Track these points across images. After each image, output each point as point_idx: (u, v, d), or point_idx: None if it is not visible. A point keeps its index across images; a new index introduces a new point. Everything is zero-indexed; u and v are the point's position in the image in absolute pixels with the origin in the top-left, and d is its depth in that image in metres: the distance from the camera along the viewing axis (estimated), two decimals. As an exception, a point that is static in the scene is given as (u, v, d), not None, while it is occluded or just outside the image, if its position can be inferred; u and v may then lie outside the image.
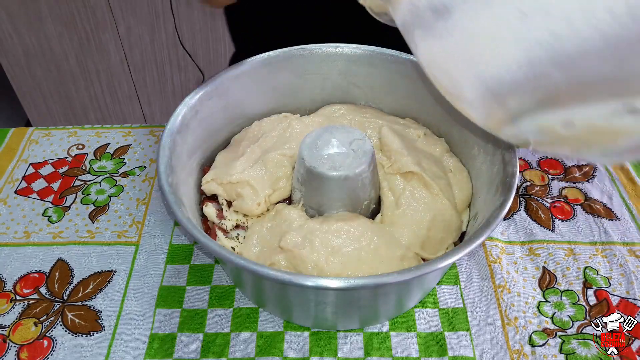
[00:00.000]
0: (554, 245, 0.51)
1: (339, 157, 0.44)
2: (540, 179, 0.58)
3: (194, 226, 0.38)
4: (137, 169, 0.59)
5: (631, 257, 0.50)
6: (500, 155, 0.43)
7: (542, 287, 0.48)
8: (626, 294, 0.47)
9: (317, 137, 0.46)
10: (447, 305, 0.47)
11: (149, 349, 0.44)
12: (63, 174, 0.59)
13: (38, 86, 1.49)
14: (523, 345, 0.44)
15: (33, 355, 0.44)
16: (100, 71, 1.47)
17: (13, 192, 0.57)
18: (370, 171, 0.45)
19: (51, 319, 0.46)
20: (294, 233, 0.42)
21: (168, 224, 0.54)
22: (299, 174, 0.46)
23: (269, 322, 0.45)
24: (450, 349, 0.44)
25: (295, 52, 0.53)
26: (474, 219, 0.46)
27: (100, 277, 0.49)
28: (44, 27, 1.35)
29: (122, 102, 1.57)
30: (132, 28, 1.38)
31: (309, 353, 0.44)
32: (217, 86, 0.49)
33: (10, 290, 0.48)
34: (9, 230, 0.53)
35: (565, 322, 0.45)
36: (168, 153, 0.43)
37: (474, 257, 0.50)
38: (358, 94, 0.57)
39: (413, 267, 0.35)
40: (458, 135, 0.52)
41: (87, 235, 0.52)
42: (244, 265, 0.35)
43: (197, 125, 0.48)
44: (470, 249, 0.36)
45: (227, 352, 0.44)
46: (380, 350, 0.44)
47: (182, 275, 0.49)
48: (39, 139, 0.63)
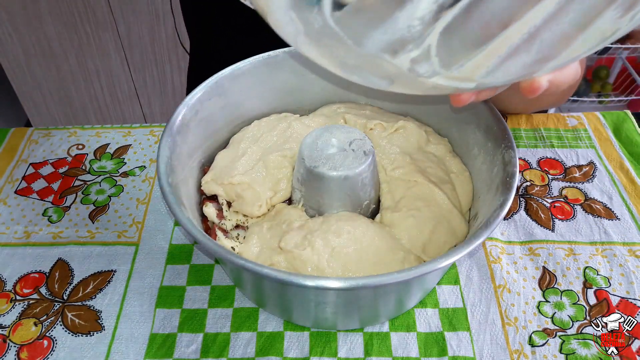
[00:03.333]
0: (554, 245, 0.51)
1: (339, 157, 0.44)
2: (540, 179, 0.58)
3: (194, 226, 0.38)
4: (137, 169, 0.59)
5: (631, 257, 0.50)
6: (500, 155, 0.44)
7: (542, 287, 0.48)
8: (626, 294, 0.47)
9: (317, 137, 0.46)
10: (447, 305, 0.47)
11: (149, 349, 0.44)
12: (63, 174, 0.59)
13: (38, 86, 1.49)
14: (523, 345, 0.44)
15: (33, 355, 0.44)
16: (100, 71, 1.47)
17: (13, 192, 0.57)
18: (370, 171, 0.45)
19: (51, 319, 0.46)
20: (294, 233, 0.42)
21: (168, 224, 0.54)
22: (299, 174, 0.46)
23: (269, 322, 0.45)
24: (450, 349, 0.44)
25: (295, 52, 0.53)
26: (474, 219, 0.46)
27: (100, 277, 0.49)
28: (44, 27, 1.35)
29: (122, 102, 1.57)
30: (132, 28, 1.38)
31: (309, 353, 0.44)
32: (217, 86, 0.49)
33: (10, 290, 0.48)
34: (9, 230, 0.53)
35: (565, 322, 0.45)
36: (168, 153, 0.43)
37: (474, 257, 0.50)
38: (358, 93, 0.57)
39: (413, 267, 0.35)
40: (458, 136, 0.52)
41: (87, 235, 0.52)
42: (243, 265, 0.35)
43: (197, 125, 0.48)
44: (470, 249, 0.36)
45: (227, 352, 0.44)
46: (380, 350, 0.44)
47: (182, 275, 0.49)
48: (39, 139, 0.63)
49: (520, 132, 0.64)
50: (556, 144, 0.62)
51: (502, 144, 0.44)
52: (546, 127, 0.64)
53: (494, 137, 0.45)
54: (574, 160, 0.60)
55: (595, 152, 0.61)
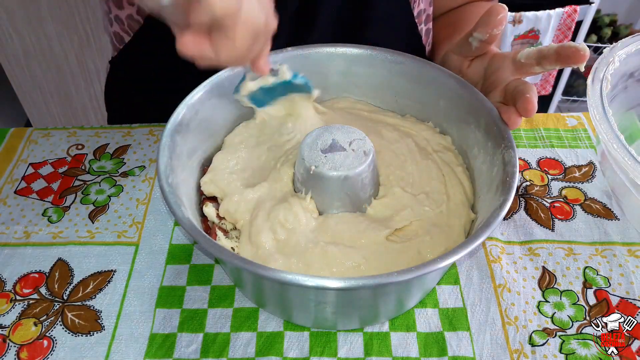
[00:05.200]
0: (553, 245, 0.51)
1: (339, 157, 0.44)
2: (540, 179, 0.58)
3: (194, 226, 0.38)
4: (137, 169, 0.59)
5: (631, 257, 0.50)
6: (500, 155, 0.44)
7: (542, 287, 0.48)
8: (626, 294, 0.47)
9: (317, 137, 0.46)
10: (447, 305, 0.47)
11: (149, 349, 0.44)
12: (63, 174, 0.59)
13: (38, 86, 1.49)
14: (523, 345, 0.44)
15: (33, 355, 0.44)
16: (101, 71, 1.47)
17: (13, 192, 0.57)
18: (370, 171, 0.45)
19: (51, 319, 0.46)
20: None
21: (168, 224, 0.54)
22: (299, 173, 0.46)
23: (269, 322, 0.45)
24: (450, 348, 0.44)
25: (295, 52, 0.53)
26: (473, 219, 0.46)
27: (100, 277, 0.49)
28: (44, 27, 1.35)
29: (122, 102, 1.57)
30: (132, 28, 1.38)
31: (309, 353, 0.44)
32: (217, 86, 0.49)
33: (10, 290, 0.48)
34: (9, 230, 0.53)
35: (565, 322, 0.46)
36: (168, 153, 0.43)
37: (474, 257, 0.50)
38: (358, 93, 0.57)
39: (413, 267, 0.35)
40: (458, 135, 0.52)
41: (87, 235, 0.52)
42: (243, 266, 0.35)
43: (197, 125, 0.48)
44: (470, 249, 0.36)
45: (227, 352, 0.44)
46: (380, 350, 0.44)
47: (182, 275, 0.49)
48: (38, 139, 0.63)
49: (520, 132, 0.64)
50: (556, 144, 0.62)
51: (502, 144, 0.44)
52: (546, 127, 0.64)
53: (494, 137, 0.45)
54: (573, 160, 0.60)
55: (595, 152, 0.61)
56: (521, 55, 0.45)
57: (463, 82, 0.49)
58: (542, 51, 0.43)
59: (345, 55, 0.54)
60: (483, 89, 0.50)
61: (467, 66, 0.53)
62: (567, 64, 0.42)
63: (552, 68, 0.44)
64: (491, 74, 0.49)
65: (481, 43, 0.49)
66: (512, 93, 0.45)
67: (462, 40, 0.51)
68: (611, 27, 1.94)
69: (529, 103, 0.43)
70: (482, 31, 0.47)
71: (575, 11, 1.63)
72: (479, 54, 0.51)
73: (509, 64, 0.47)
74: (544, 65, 0.44)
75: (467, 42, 0.50)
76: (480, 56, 0.51)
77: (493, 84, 0.49)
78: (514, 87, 0.45)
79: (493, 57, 0.50)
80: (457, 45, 0.53)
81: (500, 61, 0.48)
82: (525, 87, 0.44)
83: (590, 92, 0.48)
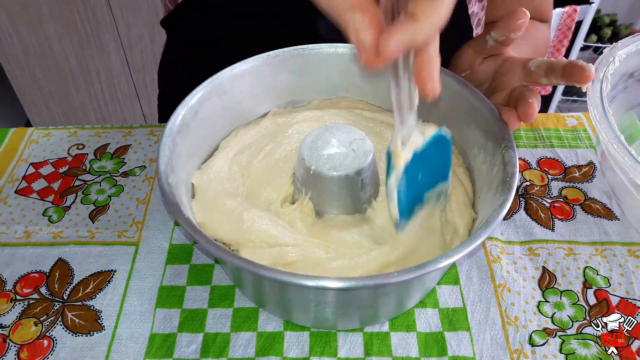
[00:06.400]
0: (553, 245, 0.51)
1: (339, 157, 0.44)
2: (540, 179, 0.58)
3: (194, 226, 0.38)
4: (137, 169, 0.59)
5: (631, 257, 0.50)
6: (500, 155, 0.44)
7: (542, 287, 0.48)
8: (626, 294, 0.47)
9: (317, 137, 0.46)
10: (447, 305, 0.47)
11: (149, 349, 0.44)
12: (63, 174, 0.59)
13: (38, 86, 1.49)
14: (523, 345, 0.44)
15: (33, 355, 0.44)
16: (100, 71, 1.47)
17: (13, 192, 0.57)
18: (370, 171, 0.45)
19: (51, 319, 0.46)
20: (291, 248, 0.42)
21: (168, 224, 0.54)
22: (299, 174, 0.46)
23: (269, 322, 0.45)
24: (450, 348, 0.44)
25: (295, 52, 0.53)
26: (474, 219, 0.46)
27: (100, 277, 0.49)
28: (44, 27, 1.35)
29: (122, 102, 1.57)
30: (132, 28, 1.38)
31: (309, 353, 0.44)
32: (217, 86, 0.49)
33: (10, 290, 0.48)
34: (9, 230, 0.53)
35: (565, 322, 0.46)
36: (168, 153, 0.43)
37: (474, 257, 0.50)
38: (358, 94, 0.57)
39: (413, 267, 0.35)
40: (458, 135, 0.52)
41: (87, 235, 0.52)
42: (243, 266, 0.35)
43: (197, 125, 0.48)
44: (470, 249, 0.36)
45: (227, 352, 0.44)
46: (380, 350, 0.44)
47: (182, 275, 0.49)
48: (39, 139, 0.63)
49: (520, 132, 0.64)
50: (556, 144, 0.62)
51: (502, 144, 0.44)
52: (546, 127, 0.64)
53: (494, 137, 0.45)
54: (573, 160, 0.60)
55: (595, 152, 0.61)
56: (532, 63, 0.45)
57: (463, 82, 0.49)
58: (552, 64, 0.44)
59: (345, 55, 0.54)
60: (489, 89, 0.50)
61: (479, 63, 0.53)
62: (571, 81, 0.42)
63: (557, 83, 0.44)
64: (500, 75, 0.49)
65: (496, 43, 0.49)
66: (516, 97, 0.45)
67: (480, 37, 0.51)
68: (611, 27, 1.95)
69: (530, 107, 0.43)
70: (500, 32, 0.47)
71: (575, 11, 1.63)
72: (493, 53, 0.51)
73: (520, 69, 0.47)
74: (550, 78, 0.44)
75: (484, 39, 0.50)
76: (494, 56, 0.51)
77: (500, 85, 0.49)
78: (519, 92, 0.45)
79: (506, 60, 0.50)
80: (475, 41, 0.53)
81: (512, 65, 0.48)
82: (529, 92, 0.44)
83: (590, 92, 0.48)
